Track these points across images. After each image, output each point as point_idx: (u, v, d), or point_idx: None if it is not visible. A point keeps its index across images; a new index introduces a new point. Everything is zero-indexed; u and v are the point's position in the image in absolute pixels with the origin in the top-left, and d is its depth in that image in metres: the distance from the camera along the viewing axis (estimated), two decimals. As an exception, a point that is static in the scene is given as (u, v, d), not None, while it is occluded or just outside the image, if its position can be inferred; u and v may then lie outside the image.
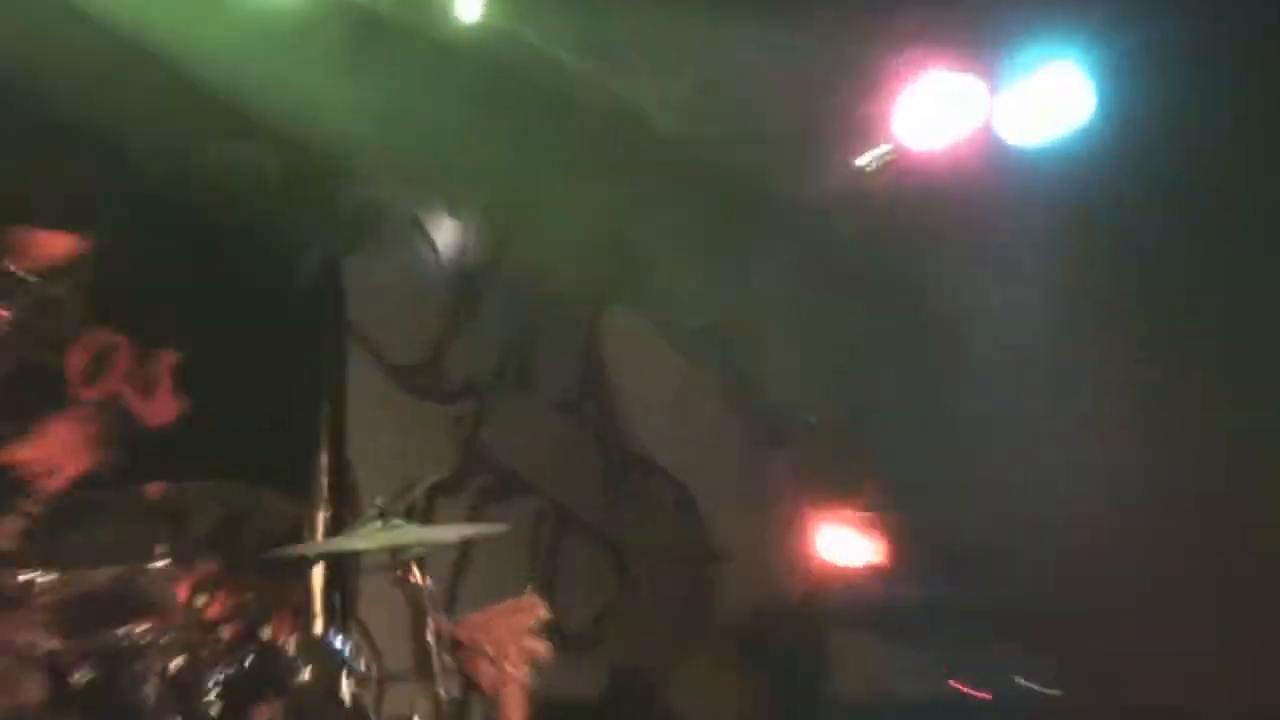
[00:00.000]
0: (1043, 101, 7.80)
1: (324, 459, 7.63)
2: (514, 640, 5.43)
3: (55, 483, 6.18)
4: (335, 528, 7.46)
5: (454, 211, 8.27)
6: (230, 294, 7.43)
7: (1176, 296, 7.71)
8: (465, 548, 7.64)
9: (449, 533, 6.70)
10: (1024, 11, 7.74)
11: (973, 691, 7.58)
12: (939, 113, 7.86)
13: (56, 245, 6.81)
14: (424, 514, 6.82)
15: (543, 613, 5.33)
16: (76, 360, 6.80)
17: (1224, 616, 7.42)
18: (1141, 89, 7.66)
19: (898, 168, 8.09)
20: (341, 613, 7.25)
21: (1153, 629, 7.49)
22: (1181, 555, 7.43)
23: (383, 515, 5.54)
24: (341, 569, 7.28)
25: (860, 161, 8.15)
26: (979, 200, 8.01)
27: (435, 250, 8.28)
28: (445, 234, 8.27)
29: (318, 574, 7.28)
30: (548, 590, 7.39)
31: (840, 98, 8.12)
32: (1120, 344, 7.75)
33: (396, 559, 5.50)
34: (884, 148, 8.06)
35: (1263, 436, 7.35)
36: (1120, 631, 7.58)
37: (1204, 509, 7.48)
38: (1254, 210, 7.23)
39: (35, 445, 6.48)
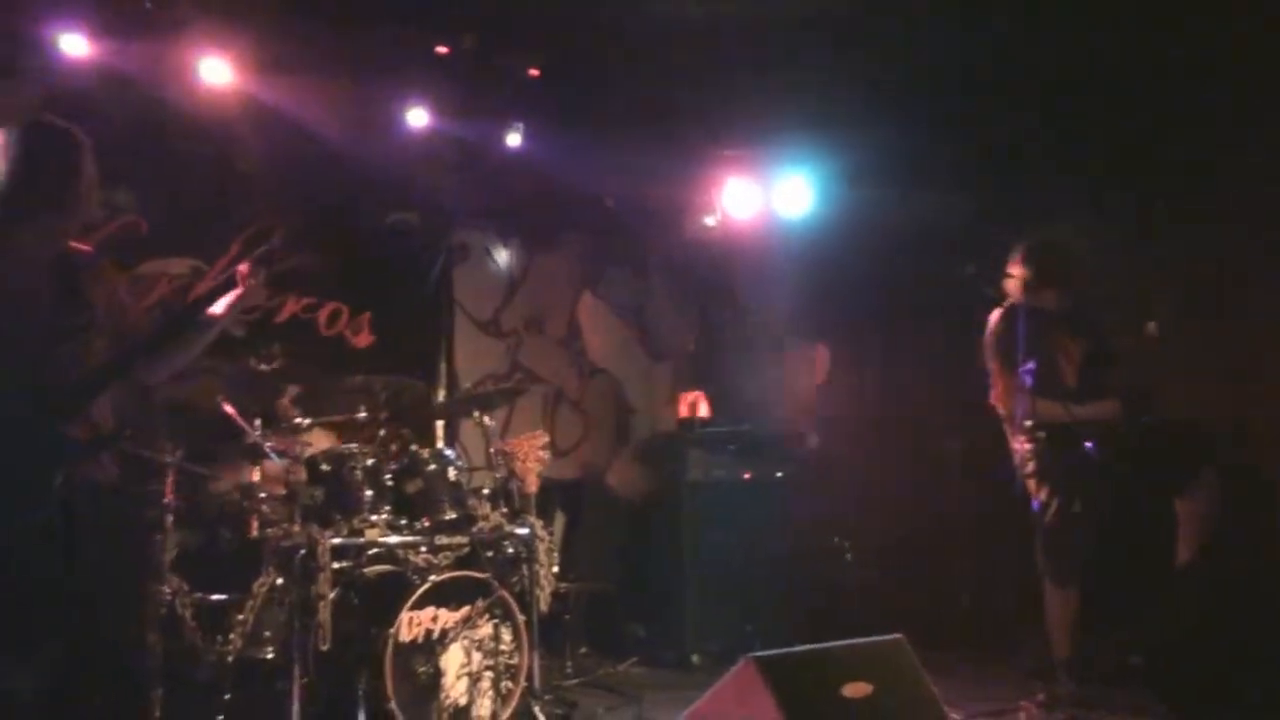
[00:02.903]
0: (790, 195, 7.98)
1: (443, 365, 7.87)
2: (532, 451, 5.95)
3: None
4: (447, 398, 7.66)
5: (506, 244, 8.29)
6: (400, 284, 7.54)
7: (859, 298, 7.94)
8: (512, 406, 7.85)
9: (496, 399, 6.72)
10: (780, 152, 7.83)
11: (737, 476, 7.77)
12: (743, 198, 8.15)
13: (310, 263, 6.50)
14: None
15: (546, 439, 5.67)
16: (322, 315, 6.43)
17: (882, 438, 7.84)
18: (840, 190, 7.81)
19: (725, 226, 8.36)
20: (450, 437, 7.54)
21: (832, 445, 7.85)
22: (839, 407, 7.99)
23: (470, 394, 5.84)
24: (451, 416, 7.49)
25: (706, 221, 8.35)
26: (764, 244, 8.30)
27: (496, 263, 8.36)
28: (501, 255, 8.33)
29: (439, 421, 7.48)
30: (550, 429, 7.77)
31: (694, 190, 8.21)
32: (829, 321, 8.14)
33: (476, 411, 5.94)
34: (717, 215, 8.32)
35: (888, 361, 7.86)
36: (812, 448, 7.93)
37: (868, 388, 8.01)
38: (904, 258, 7.48)
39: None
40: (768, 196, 8.13)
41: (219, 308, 3.93)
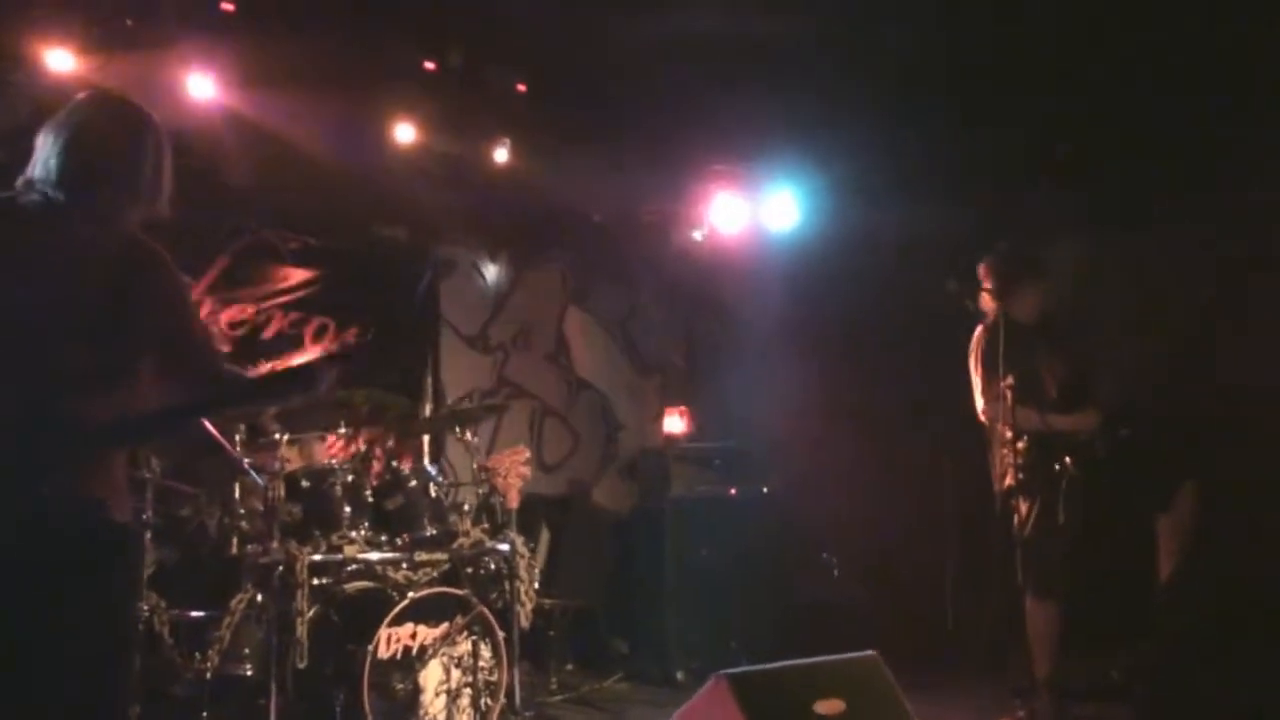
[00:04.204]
0: (777, 209, 7.98)
1: (429, 380, 7.84)
2: (514, 467, 5.74)
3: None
4: (433, 415, 7.52)
5: (493, 259, 8.33)
6: (386, 297, 7.52)
7: (838, 310, 7.89)
8: (499, 421, 7.89)
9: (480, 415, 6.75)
10: (767, 166, 7.81)
11: (722, 492, 7.79)
12: (730, 212, 8.14)
13: (300, 275, 6.50)
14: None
15: (529, 455, 5.56)
16: (309, 330, 6.43)
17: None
18: (827, 204, 7.80)
19: (712, 240, 8.41)
20: (435, 452, 7.41)
21: (817, 460, 7.67)
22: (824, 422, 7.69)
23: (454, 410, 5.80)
24: (436, 431, 7.34)
25: (694, 236, 8.40)
26: (751, 258, 8.29)
27: (483, 277, 8.41)
28: (488, 270, 8.38)
29: (425, 435, 7.15)
30: (535, 444, 7.96)
31: (682, 204, 8.24)
32: (810, 335, 7.96)
33: (460, 427, 5.86)
34: (705, 229, 8.38)
35: (873, 376, 7.66)
36: (798, 463, 7.77)
37: (853, 404, 7.75)
38: (889, 273, 7.45)
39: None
40: (755, 211, 8.14)
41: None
